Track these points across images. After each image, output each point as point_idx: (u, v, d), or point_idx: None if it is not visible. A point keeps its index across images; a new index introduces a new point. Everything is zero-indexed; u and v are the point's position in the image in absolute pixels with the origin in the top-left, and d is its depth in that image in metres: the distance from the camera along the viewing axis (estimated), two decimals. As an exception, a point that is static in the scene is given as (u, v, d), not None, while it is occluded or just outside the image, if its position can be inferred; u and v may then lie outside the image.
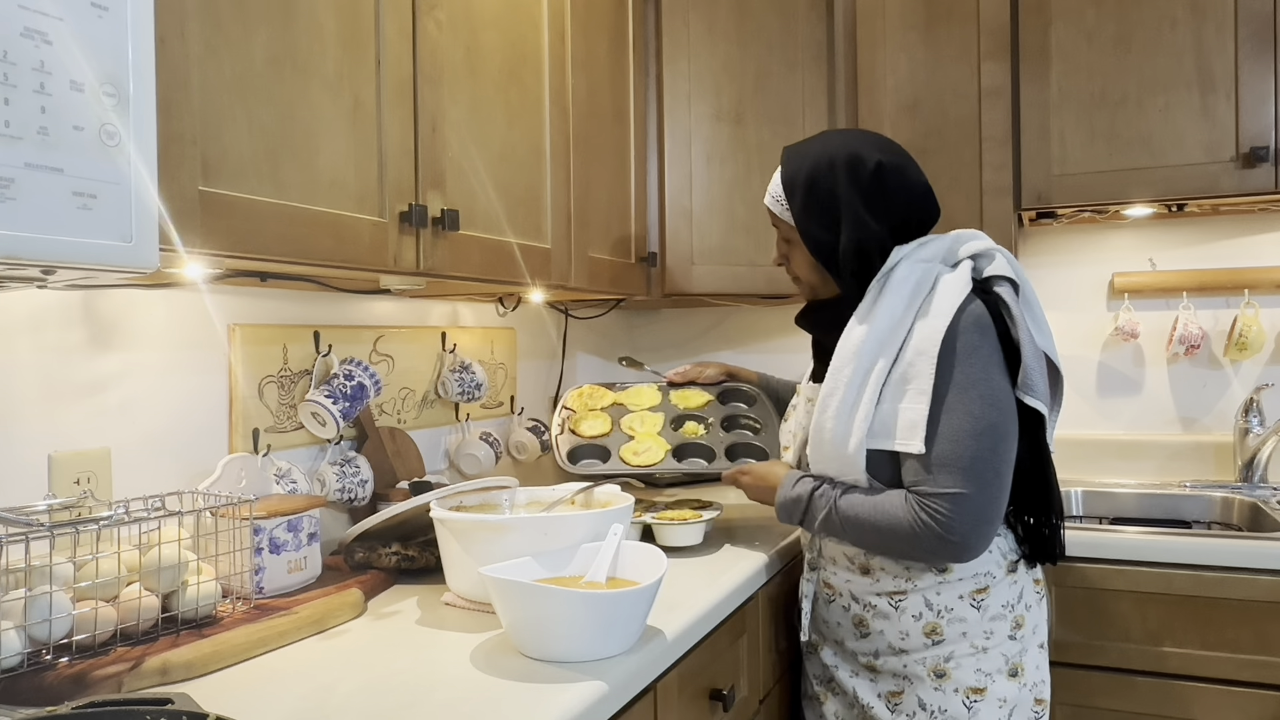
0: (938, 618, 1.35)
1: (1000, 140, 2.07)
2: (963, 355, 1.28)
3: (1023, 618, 1.39)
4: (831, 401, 1.35)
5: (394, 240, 1.24)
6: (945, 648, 1.35)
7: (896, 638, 1.37)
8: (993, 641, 1.36)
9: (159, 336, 1.34)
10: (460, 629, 1.19)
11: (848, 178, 1.37)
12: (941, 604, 1.35)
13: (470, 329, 2.01)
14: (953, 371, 1.28)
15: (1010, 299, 1.32)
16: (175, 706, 0.78)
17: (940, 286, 1.33)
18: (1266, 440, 2.11)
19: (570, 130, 1.71)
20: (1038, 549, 1.39)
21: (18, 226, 0.72)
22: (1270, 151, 1.89)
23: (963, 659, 1.35)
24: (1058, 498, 1.39)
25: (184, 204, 0.94)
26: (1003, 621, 1.37)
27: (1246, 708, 1.67)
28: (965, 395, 1.27)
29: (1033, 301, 1.37)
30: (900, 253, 1.38)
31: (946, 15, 2.12)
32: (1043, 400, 1.30)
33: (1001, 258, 1.38)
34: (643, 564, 1.19)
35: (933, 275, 1.34)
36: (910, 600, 1.36)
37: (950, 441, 1.26)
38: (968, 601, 1.35)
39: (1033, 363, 1.30)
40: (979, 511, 1.26)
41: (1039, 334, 1.34)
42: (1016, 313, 1.31)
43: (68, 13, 0.76)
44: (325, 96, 1.14)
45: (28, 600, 0.96)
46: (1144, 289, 2.31)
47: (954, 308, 1.29)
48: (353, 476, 1.57)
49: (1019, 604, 1.38)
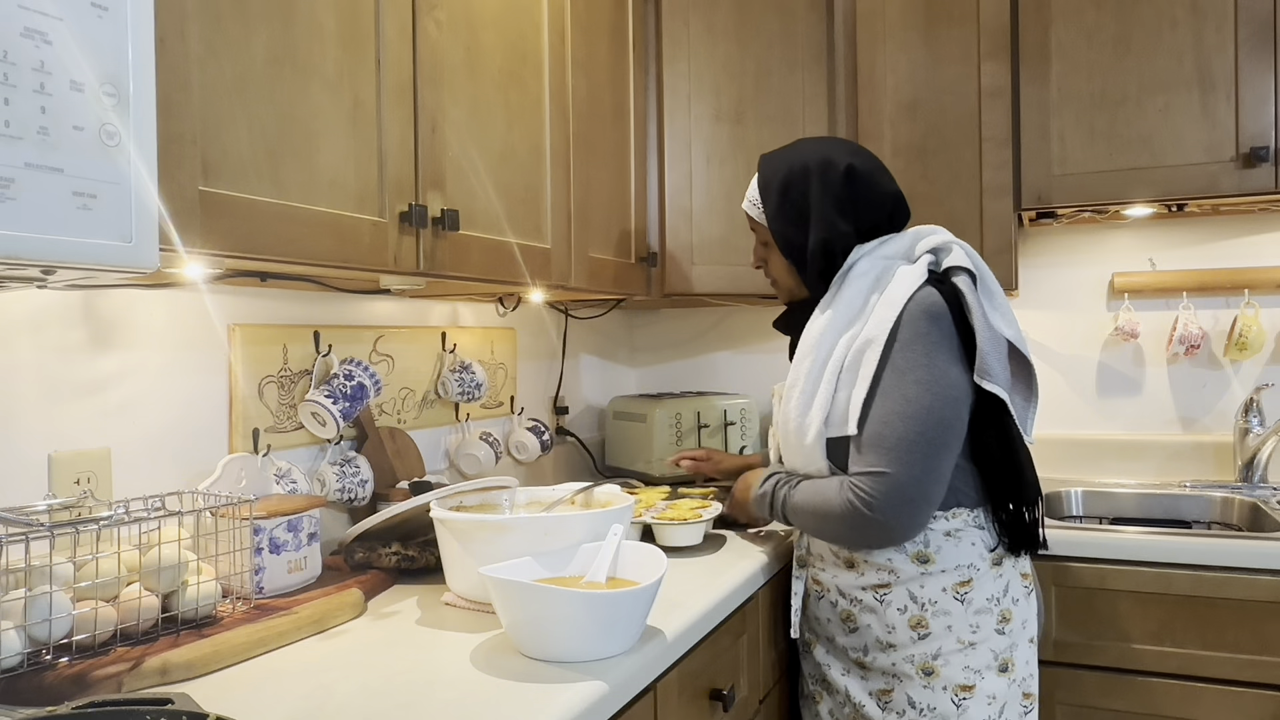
0: (922, 610, 1.36)
1: (1000, 140, 2.07)
2: (906, 341, 1.31)
3: (1010, 612, 1.39)
4: (793, 394, 1.40)
5: (394, 240, 1.24)
6: (932, 643, 1.36)
7: (883, 631, 1.38)
8: (979, 636, 1.37)
9: (159, 336, 1.34)
10: (460, 629, 1.19)
11: (819, 180, 1.44)
12: (925, 596, 1.36)
13: (470, 329, 2.01)
14: (893, 356, 1.31)
15: (966, 287, 1.35)
16: (175, 706, 0.78)
17: (895, 278, 1.36)
18: (1266, 440, 2.11)
19: (570, 130, 1.71)
20: (1017, 539, 1.39)
21: (18, 226, 0.72)
22: (1270, 151, 1.89)
23: (951, 655, 1.36)
24: (1033, 486, 1.39)
25: (184, 204, 0.94)
26: (988, 615, 1.37)
27: (1246, 708, 1.67)
28: (902, 379, 1.30)
29: (993, 290, 1.40)
30: (861, 250, 1.43)
31: (946, 15, 2.12)
32: (1001, 385, 1.32)
33: (959, 249, 1.41)
34: (643, 564, 1.19)
35: (892, 270, 1.38)
36: (894, 593, 1.37)
37: (879, 423, 1.30)
38: (951, 594, 1.36)
39: (989, 347, 1.32)
40: (901, 490, 1.28)
41: (1000, 320, 1.36)
42: (972, 300, 1.34)
43: (68, 13, 0.76)
44: (325, 96, 1.14)
45: (28, 600, 0.96)
46: (1144, 289, 2.31)
47: (906, 297, 1.33)
48: (353, 476, 1.57)
49: (1004, 597, 1.39)
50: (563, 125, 1.69)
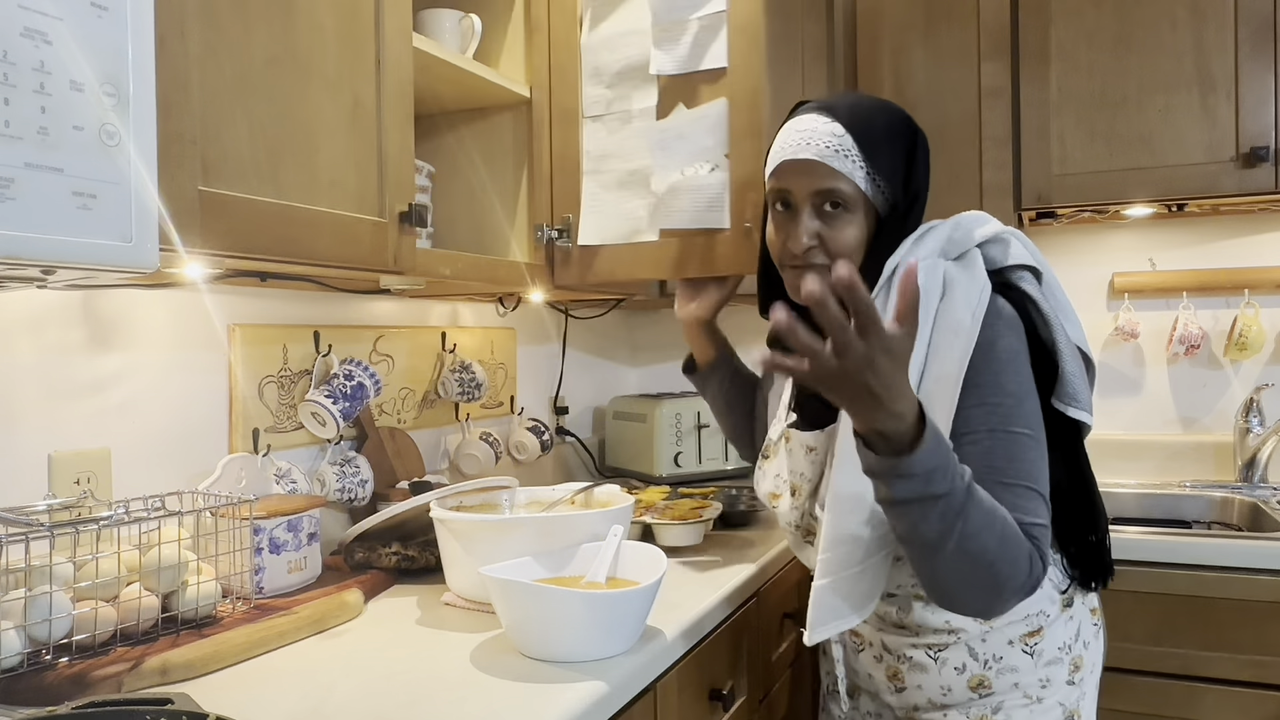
0: (985, 669, 1.15)
1: (1000, 140, 2.07)
2: (1007, 361, 1.06)
3: (1081, 659, 1.20)
4: (845, 459, 1.05)
5: (394, 240, 1.24)
6: (994, 699, 1.16)
7: (937, 693, 1.17)
8: (1049, 690, 1.17)
9: (159, 336, 1.34)
10: (460, 629, 1.19)
11: (920, 136, 1.17)
12: (988, 653, 1.15)
13: (470, 329, 2.01)
14: (1000, 378, 1.05)
15: (1036, 293, 1.12)
16: (175, 706, 0.78)
17: (951, 292, 1.08)
18: (1266, 440, 2.11)
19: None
20: (1090, 571, 1.19)
21: (18, 226, 0.72)
22: (1270, 151, 1.89)
23: (1014, 710, 1.16)
24: (1103, 512, 1.19)
25: (184, 204, 0.94)
26: (1059, 666, 1.17)
27: (1246, 708, 1.67)
28: (1021, 406, 1.05)
29: (1056, 289, 1.17)
30: (900, 252, 1.13)
31: (946, 15, 2.12)
32: (1087, 409, 1.10)
33: (1018, 243, 1.16)
34: (643, 564, 1.19)
35: (939, 276, 1.09)
36: (952, 651, 1.16)
37: (1025, 462, 1.03)
38: (1019, 647, 1.15)
39: (1073, 367, 1.10)
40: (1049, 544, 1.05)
41: (1073, 329, 1.14)
42: (1046, 309, 1.11)
43: (68, 13, 0.76)
44: (325, 96, 1.14)
45: (28, 600, 0.96)
46: (1144, 289, 2.31)
47: (977, 320, 1.06)
48: (353, 476, 1.57)
49: (1076, 642, 1.19)
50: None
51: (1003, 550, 0.96)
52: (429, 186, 1.57)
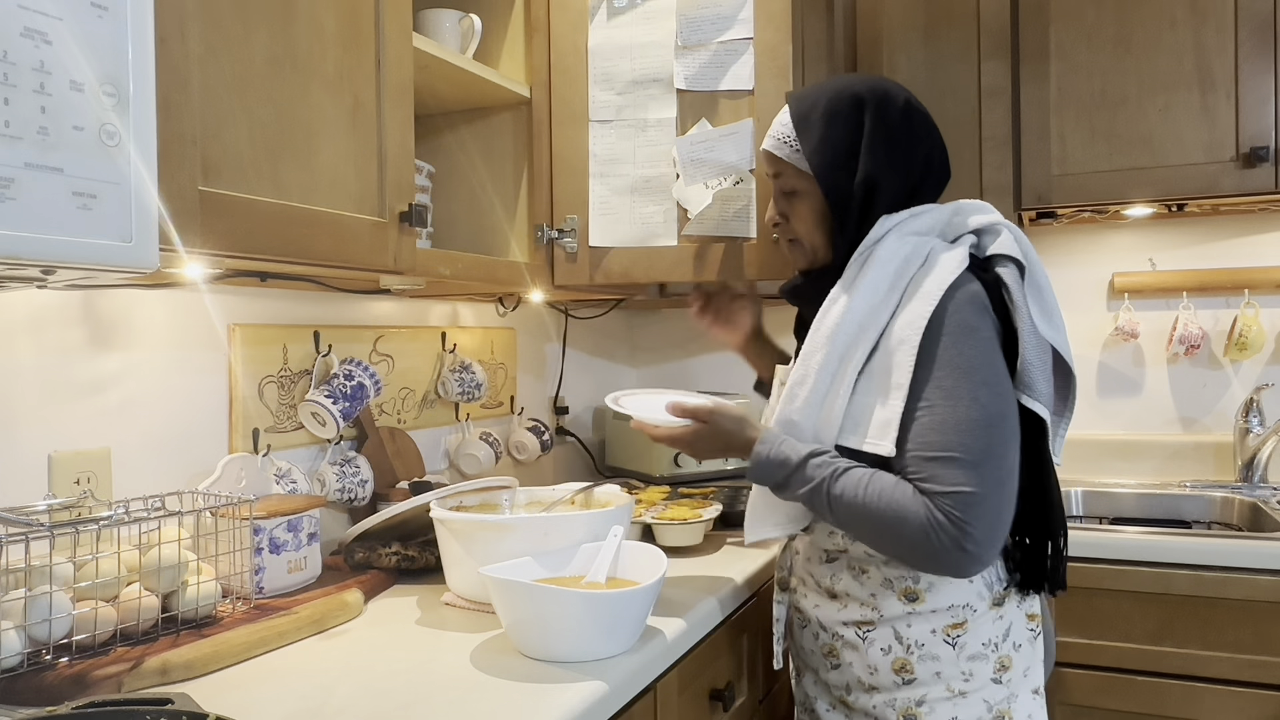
0: (907, 654, 1.19)
1: (1000, 140, 2.07)
2: (959, 335, 1.11)
3: (1009, 659, 1.20)
4: (801, 391, 1.20)
5: (394, 240, 1.24)
6: (917, 689, 1.19)
7: (865, 672, 1.21)
8: (972, 685, 1.18)
9: (159, 336, 1.34)
10: (460, 629, 1.19)
11: (874, 111, 1.22)
12: (911, 638, 1.19)
13: (470, 329, 2.01)
14: (949, 352, 1.11)
15: (1013, 281, 1.15)
16: (175, 706, 0.78)
17: (931, 264, 1.16)
18: (1266, 440, 2.11)
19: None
20: (1031, 576, 1.20)
21: (18, 226, 0.72)
22: (1270, 151, 1.89)
23: (937, 704, 1.18)
24: (1061, 518, 1.20)
25: (184, 204, 0.94)
26: (984, 662, 1.19)
27: (1246, 708, 1.67)
28: (969, 379, 1.10)
29: (1043, 286, 1.18)
30: (888, 223, 1.20)
31: (946, 15, 2.12)
32: (1044, 403, 1.13)
33: (1008, 234, 1.20)
34: (643, 564, 1.19)
35: (924, 251, 1.17)
36: (878, 632, 1.20)
37: (957, 432, 1.08)
38: (941, 637, 1.18)
39: (1033, 356, 1.13)
40: (994, 518, 1.08)
41: (1046, 324, 1.15)
42: (1018, 297, 1.14)
43: (67, 13, 0.76)
44: (325, 96, 1.14)
45: (28, 600, 0.96)
46: (1144, 289, 2.31)
47: (942, 288, 1.12)
48: (353, 476, 1.57)
49: (1004, 643, 1.20)
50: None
51: (882, 513, 1.11)
52: (429, 186, 1.57)
